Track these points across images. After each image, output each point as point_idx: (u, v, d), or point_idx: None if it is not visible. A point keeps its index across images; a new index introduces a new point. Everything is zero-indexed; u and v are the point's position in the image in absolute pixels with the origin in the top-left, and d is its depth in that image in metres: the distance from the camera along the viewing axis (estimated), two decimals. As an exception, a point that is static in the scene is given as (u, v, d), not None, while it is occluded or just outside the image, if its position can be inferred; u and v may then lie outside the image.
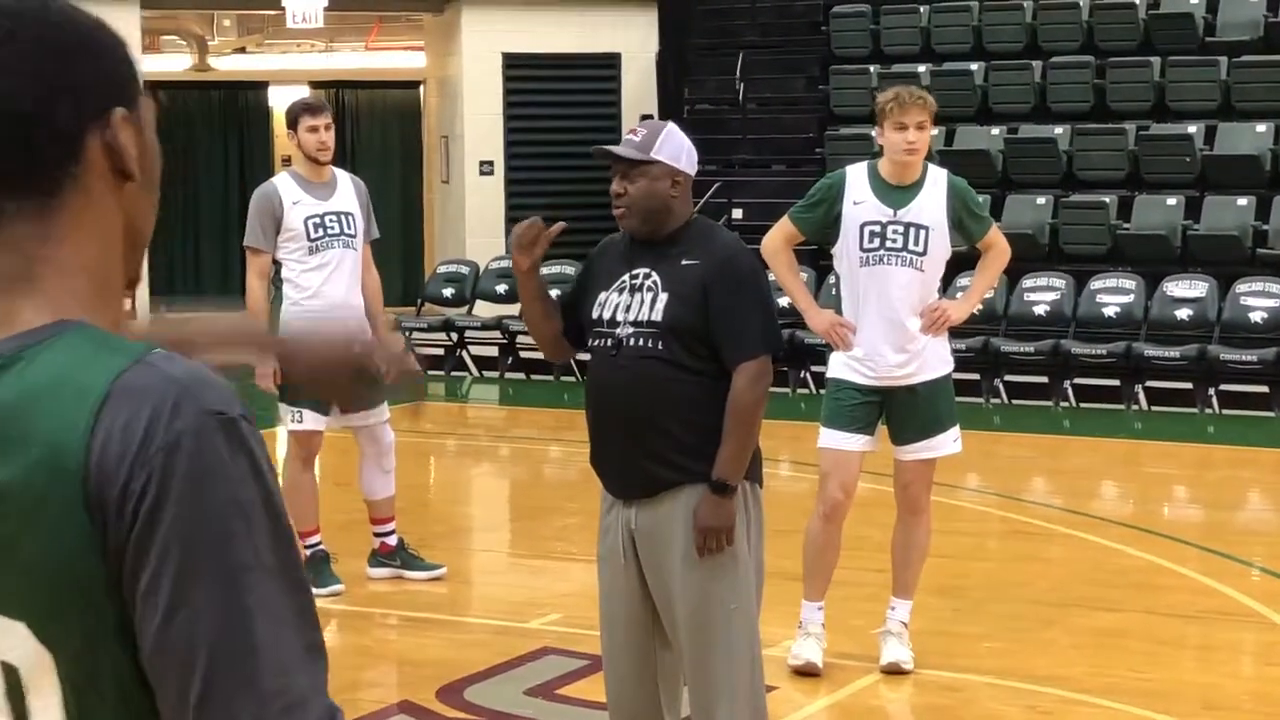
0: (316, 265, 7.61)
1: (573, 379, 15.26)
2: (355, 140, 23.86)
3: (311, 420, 7.69)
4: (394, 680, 6.62)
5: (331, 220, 7.63)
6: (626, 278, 4.60)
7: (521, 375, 15.24)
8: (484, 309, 16.10)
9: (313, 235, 7.58)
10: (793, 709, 6.12)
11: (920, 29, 17.50)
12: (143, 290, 17.88)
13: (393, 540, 8.02)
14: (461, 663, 6.75)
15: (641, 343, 4.52)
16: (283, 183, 7.70)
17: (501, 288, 16.12)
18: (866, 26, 17.82)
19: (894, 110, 6.23)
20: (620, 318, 4.56)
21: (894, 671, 6.39)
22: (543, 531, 9.27)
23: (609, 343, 4.57)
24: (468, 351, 15.77)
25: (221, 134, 23.20)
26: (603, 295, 4.61)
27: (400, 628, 7.42)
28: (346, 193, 7.77)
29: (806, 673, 6.35)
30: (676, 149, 4.68)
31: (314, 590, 7.39)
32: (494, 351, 15.61)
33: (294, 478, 7.76)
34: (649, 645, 4.61)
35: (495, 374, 15.32)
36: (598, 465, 4.67)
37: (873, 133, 6.52)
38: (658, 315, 4.52)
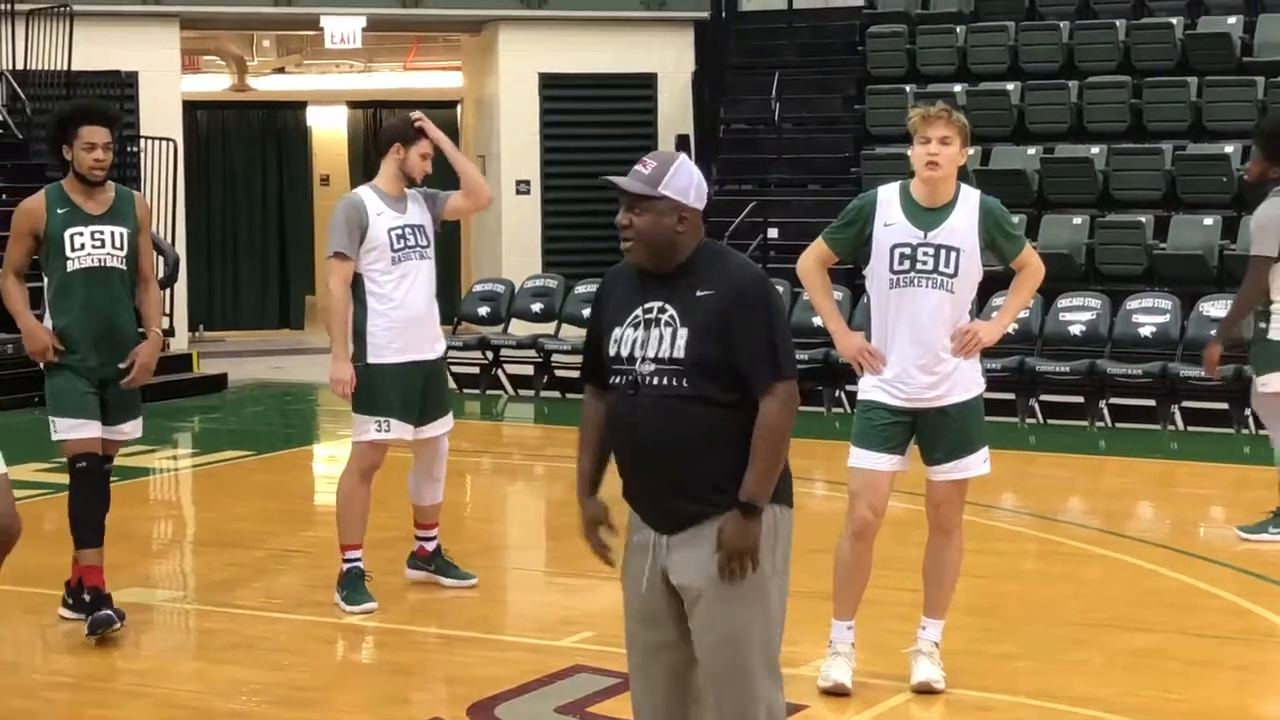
0: (398, 276, 7.77)
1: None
2: (392, 160, 23.93)
3: (399, 430, 7.77)
4: (426, 697, 6.63)
5: (410, 232, 7.85)
6: (640, 312, 4.54)
7: (557, 394, 15.27)
8: (520, 328, 16.13)
9: (395, 246, 7.78)
10: (824, 728, 6.13)
11: (956, 49, 17.51)
12: (180, 307, 17.96)
13: (431, 546, 8.15)
14: (493, 680, 6.76)
15: (665, 381, 4.49)
16: (366, 195, 7.88)
17: (537, 306, 16.16)
18: (903, 46, 17.83)
19: (919, 125, 6.24)
20: (638, 354, 4.51)
21: (925, 691, 6.38)
22: (576, 550, 9.18)
23: (627, 380, 4.53)
24: (503, 370, 15.80)
25: (260, 154, 23.31)
26: (618, 331, 4.55)
27: (433, 644, 7.43)
28: (419, 208, 7.99)
29: (835, 693, 6.34)
30: (685, 184, 4.56)
31: (347, 608, 7.52)
32: (529, 370, 15.64)
33: (351, 490, 7.82)
34: (672, 663, 4.61)
35: (530, 393, 15.35)
36: (630, 499, 4.66)
37: (908, 152, 6.52)
38: (680, 352, 4.48)
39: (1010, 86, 16.77)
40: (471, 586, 8.10)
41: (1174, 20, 16.63)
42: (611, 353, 4.55)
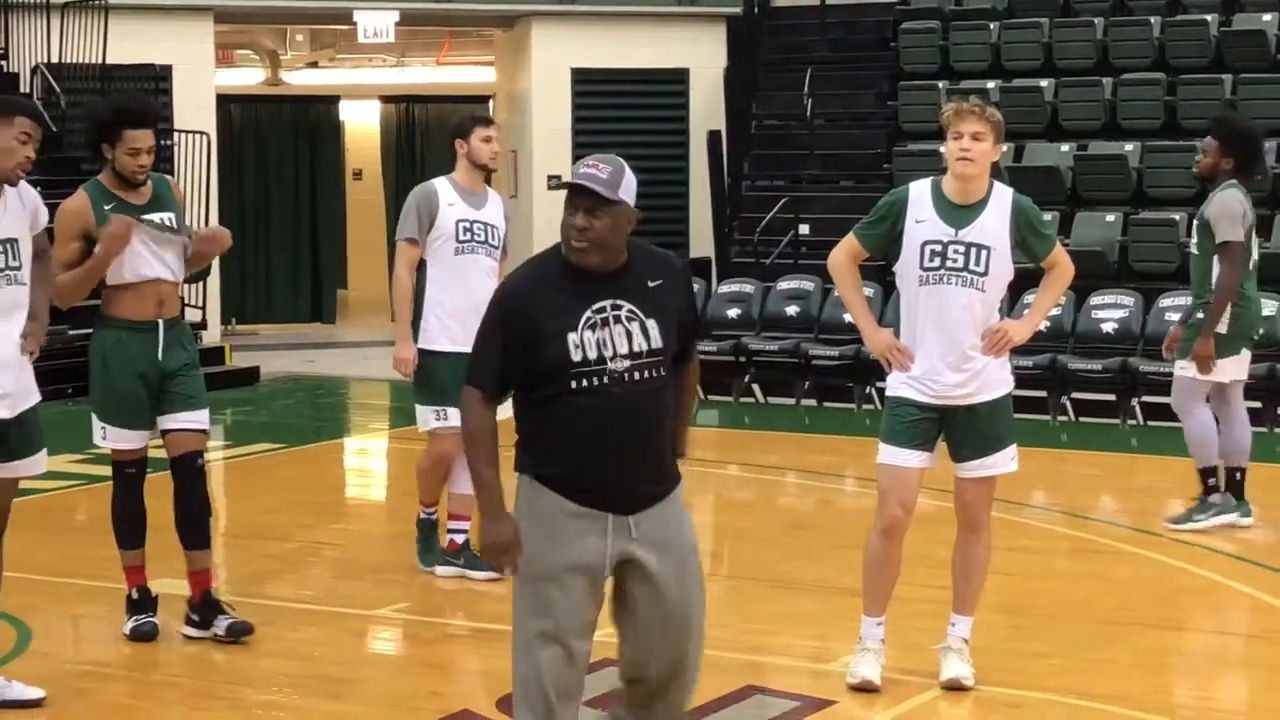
0: (459, 268, 7.96)
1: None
2: (425, 154, 24.00)
3: (457, 418, 7.76)
4: (456, 689, 6.64)
5: (479, 228, 8.03)
6: (591, 313, 4.67)
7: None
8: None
9: (460, 238, 7.97)
10: (852, 724, 6.13)
11: (990, 45, 17.46)
12: (213, 301, 18.02)
13: (460, 539, 8.21)
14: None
15: (644, 374, 4.69)
16: (441, 185, 8.10)
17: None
18: (936, 43, 17.79)
19: (952, 120, 6.22)
20: (606, 354, 4.65)
21: (954, 688, 6.37)
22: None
23: (605, 380, 4.65)
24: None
25: (293, 148, 23.37)
26: (573, 336, 4.64)
27: (462, 637, 7.45)
28: (495, 208, 8.18)
29: (864, 689, 6.34)
30: (632, 189, 4.78)
31: (427, 568, 7.54)
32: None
33: (424, 470, 8.22)
34: (588, 648, 4.85)
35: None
36: (588, 489, 4.70)
37: (943, 149, 6.50)
38: (656, 343, 4.71)
39: (1044, 83, 16.71)
40: (500, 579, 8.10)
41: (1209, 17, 16.56)
42: (575, 358, 4.64)
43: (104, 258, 6.79)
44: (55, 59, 17.85)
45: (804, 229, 16.87)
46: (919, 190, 6.34)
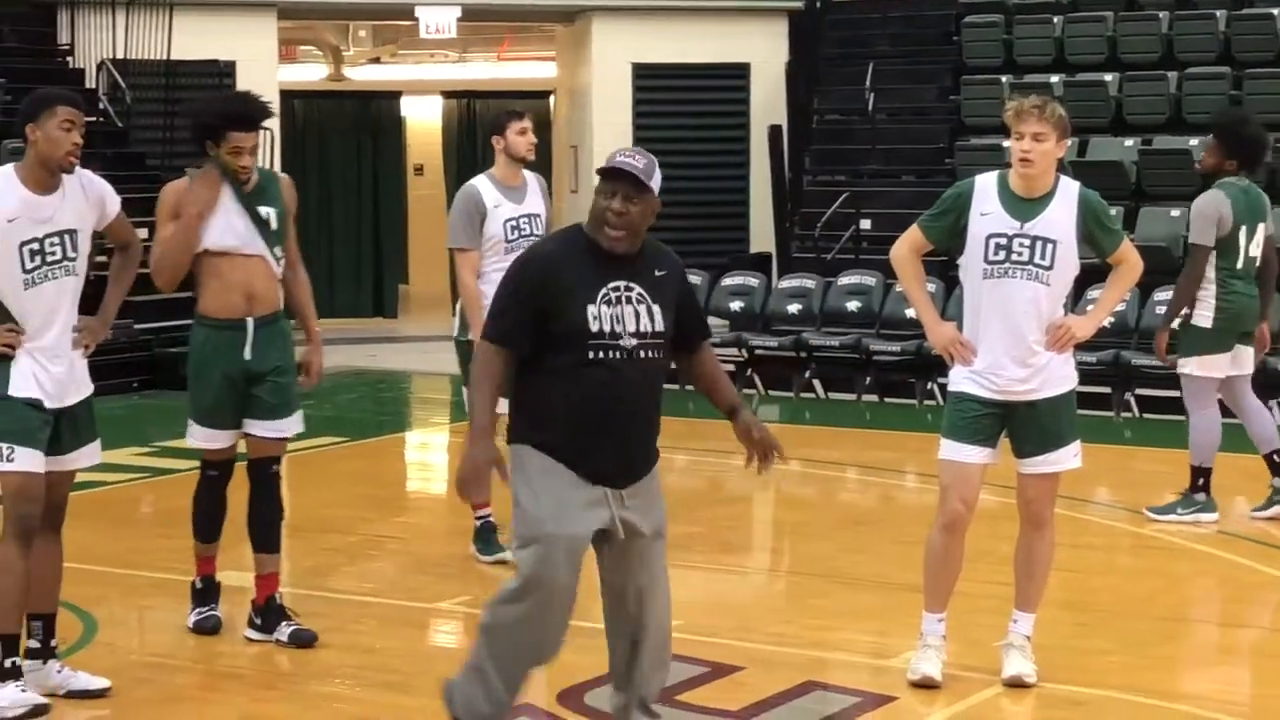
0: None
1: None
2: (485, 149, 24.01)
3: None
4: (516, 683, 6.65)
5: (524, 222, 8.15)
6: (609, 290, 5.05)
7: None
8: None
9: (509, 238, 8.09)
10: (913, 719, 6.11)
11: (1054, 39, 17.37)
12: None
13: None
14: (581, 667, 6.77)
15: (649, 354, 5.09)
16: (483, 185, 8.19)
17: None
18: (999, 36, 17.71)
19: (1013, 119, 6.19)
20: (619, 329, 5.03)
21: (1016, 685, 6.34)
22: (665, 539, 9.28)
23: (616, 355, 5.02)
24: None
25: (355, 143, 23.46)
26: (592, 309, 5.01)
27: (523, 632, 7.46)
28: (535, 194, 8.29)
29: (924, 685, 6.32)
30: (659, 181, 5.18)
31: (481, 557, 7.49)
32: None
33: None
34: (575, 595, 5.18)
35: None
36: (589, 460, 5.05)
37: (1006, 143, 6.47)
38: (660, 326, 5.10)
39: (1108, 77, 16.60)
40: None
41: (1275, 11, 16.41)
42: (593, 329, 5.00)
43: (193, 213, 6.71)
44: (120, 55, 17.99)
45: (865, 224, 16.82)
46: (985, 183, 6.31)
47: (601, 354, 5.00)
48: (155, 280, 6.93)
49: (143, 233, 18.55)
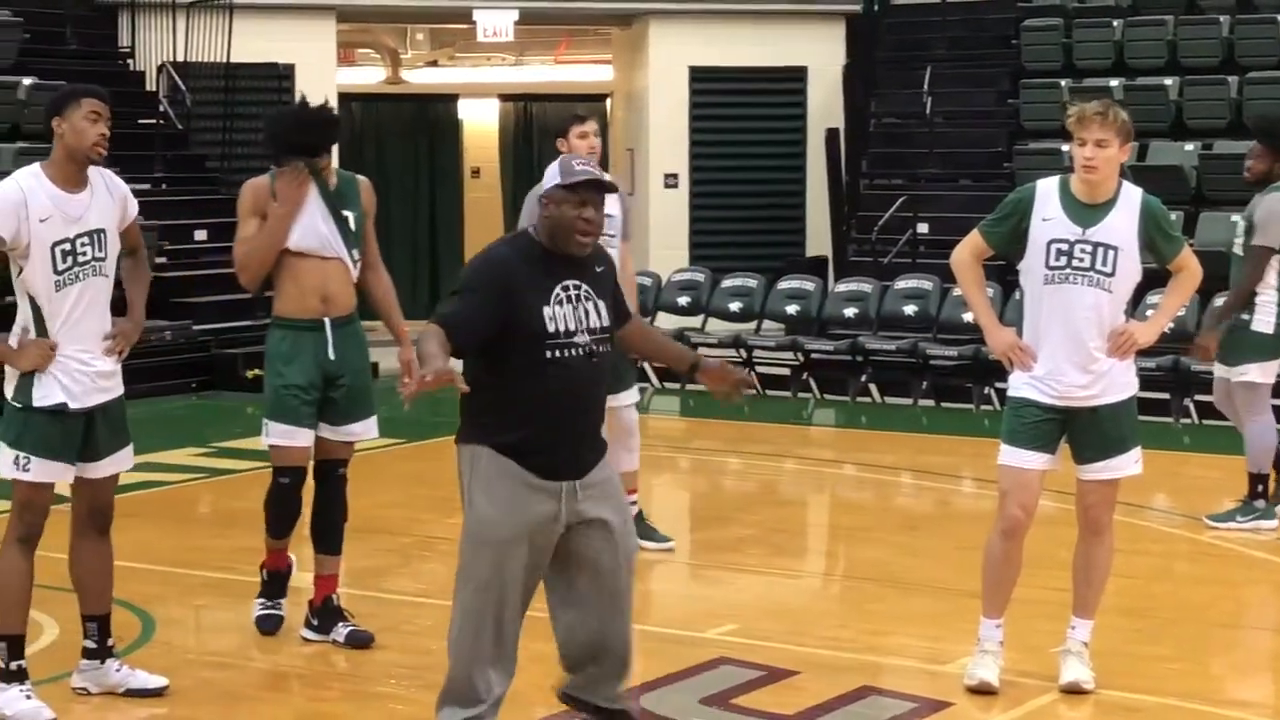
0: None
1: (751, 392, 15.26)
2: (542, 152, 24.08)
3: None
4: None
5: None
6: (560, 290, 5.21)
7: (701, 386, 15.24)
8: (666, 320, 16.16)
9: None
10: (969, 726, 6.08)
11: (1113, 42, 17.27)
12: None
13: (633, 510, 8.29)
14: (637, 670, 6.78)
15: (600, 348, 5.28)
16: None
17: (684, 300, 16.18)
18: (1058, 40, 17.63)
19: (1075, 126, 6.14)
20: (572, 328, 5.20)
21: (1074, 691, 6.31)
22: (719, 543, 9.29)
23: (572, 353, 5.19)
24: (648, 363, 15.83)
25: (412, 146, 23.55)
26: (548, 310, 5.17)
27: (578, 634, 7.46)
28: (610, 197, 8.10)
29: (981, 691, 6.29)
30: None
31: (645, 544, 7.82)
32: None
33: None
34: (532, 586, 5.34)
35: (676, 385, 15.37)
36: (550, 458, 5.20)
37: (1065, 147, 6.44)
38: (605, 321, 5.30)
39: (1168, 81, 16.49)
40: (670, 549, 8.67)
41: (1338, 14, 16.29)
42: (549, 329, 5.17)
43: (282, 213, 6.72)
44: (181, 57, 18.11)
45: (922, 228, 16.77)
46: (1046, 188, 6.28)
47: (558, 353, 5.18)
48: (240, 277, 6.93)
49: (202, 234, 18.63)
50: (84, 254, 5.92)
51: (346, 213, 6.90)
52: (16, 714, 5.88)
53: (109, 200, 6.05)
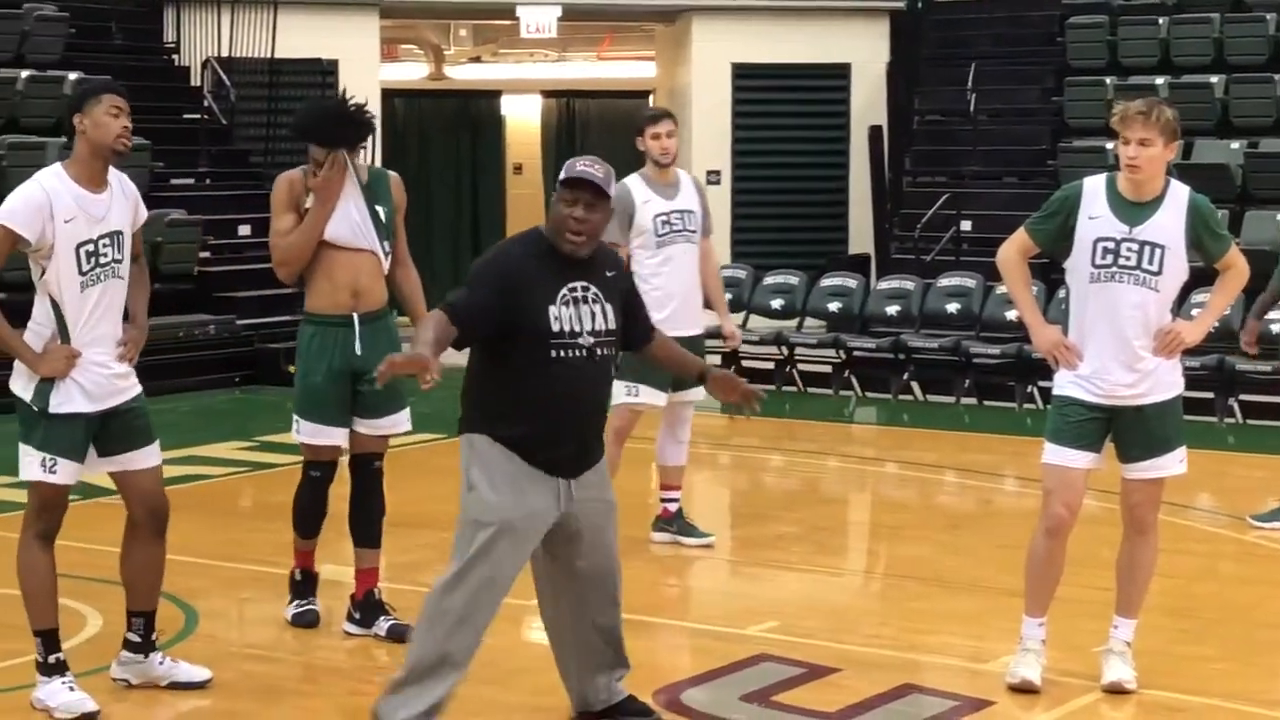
0: (662, 259, 8.37)
1: (793, 389, 15.25)
2: (585, 148, 24.08)
3: (647, 395, 8.39)
4: (611, 681, 6.66)
5: (676, 218, 8.43)
6: (566, 291, 5.32)
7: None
8: (707, 317, 16.10)
9: (659, 232, 8.37)
10: (1011, 725, 6.06)
11: (1159, 40, 17.19)
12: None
13: (673, 507, 8.73)
14: (678, 666, 6.80)
15: (604, 350, 5.39)
16: (634, 183, 8.45)
17: (726, 296, 16.11)
18: (1103, 37, 17.55)
19: (1120, 124, 6.10)
20: (577, 328, 5.32)
21: (1116, 691, 6.28)
22: (761, 540, 9.28)
23: (576, 353, 5.30)
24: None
25: (454, 142, 23.58)
26: (553, 309, 5.29)
27: (619, 630, 7.45)
28: (688, 192, 8.58)
29: (1023, 690, 6.27)
30: (614, 191, 5.45)
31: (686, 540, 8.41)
32: (715, 360, 15.64)
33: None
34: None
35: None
36: (553, 454, 5.34)
37: (1109, 145, 6.41)
38: (612, 324, 5.41)
39: (1214, 79, 16.41)
40: (709, 545, 8.72)
41: (1387, 11, 16.17)
42: (554, 328, 5.28)
43: (320, 206, 6.74)
44: (225, 53, 18.19)
45: (966, 225, 16.71)
46: (1093, 186, 6.24)
47: (562, 353, 5.28)
48: (279, 272, 6.93)
49: (245, 229, 18.68)
50: (105, 255, 5.90)
51: (379, 207, 6.92)
52: (60, 705, 5.91)
53: (125, 201, 6.01)
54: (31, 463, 5.91)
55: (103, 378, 5.93)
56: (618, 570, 5.67)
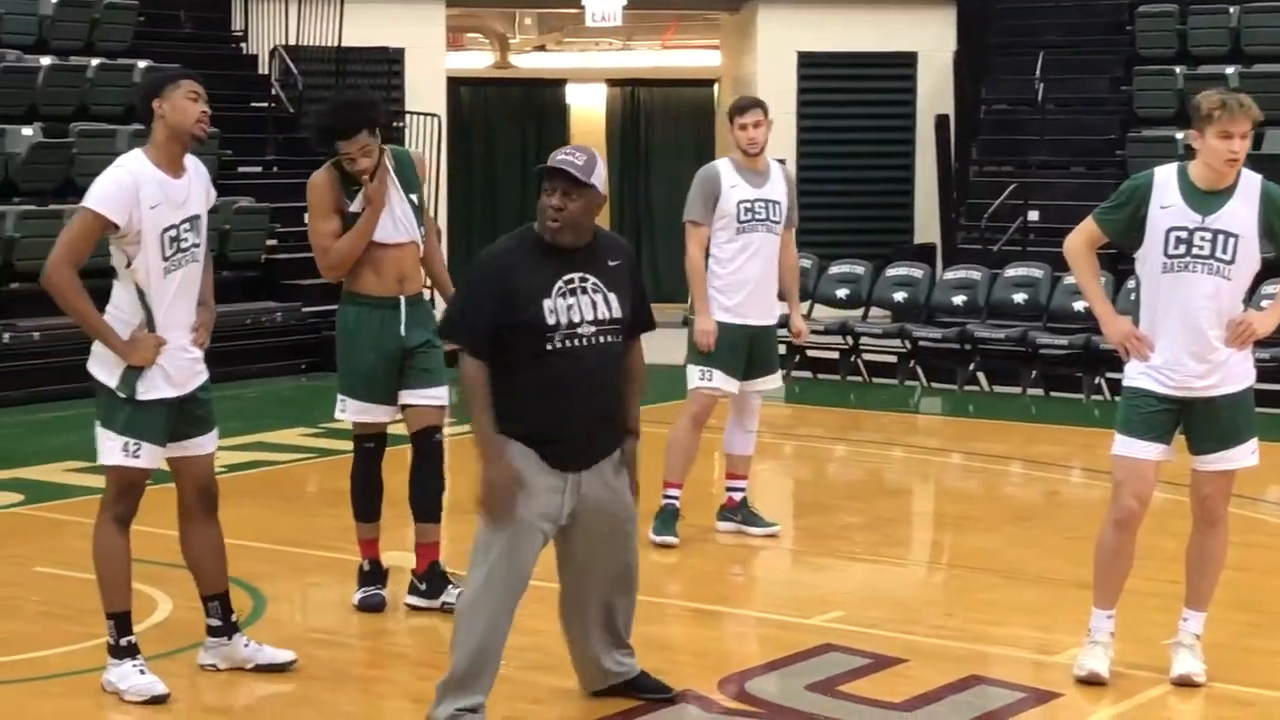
0: (740, 245, 8.38)
1: (858, 379, 15.20)
2: (649, 137, 24.10)
3: (720, 381, 8.42)
4: (676, 669, 6.64)
5: (760, 206, 8.40)
6: (562, 283, 5.37)
7: (808, 374, 15.24)
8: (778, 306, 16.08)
9: (741, 218, 8.38)
10: (1078, 716, 6.02)
11: (1230, 29, 17.02)
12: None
13: (738, 497, 8.74)
14: (743, 655, 6.79)
15: (606, 339, 5.41)
16: (724, 166, 8.50)
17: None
18: (1173, 26, 17.40)
19: (1222, 117, 6.01)
20: (576, 319, 5.36)
21: (1185, 684, 6.23)
22: (825, 530, 9.25)
23: (576, 343, 5.35)
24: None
25: (519, 130, 23.62)
26: (548, 303, 5.34)
27: (685, 618, 7.47)
28: (778, 182, 8.54)
29: (1091, 682, 6.23)
30: (603, 177, 5.46)
31: (654, 538, 8.09)
32: (781, 350, 15.59)
33: (679, 434, 8.51)
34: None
35: (782, 371, 15.31)
36: (561, 447, 5.41)
37: (1179, 135, 6.34)
38: (616, 312, 5.43)
39: (1286, 68, 16.24)
40: (775, 535, 8.71)
41: None
42: (550, 322, 5.33)
43: (374, 213, 6.88)
44: (293, 41, 18.28)
45: (1033, 215, 16.61)
46: (1164, 175, 6.19)
47: (561, 344, 5.33)
48: (329, 274, 7.06)
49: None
50: (186, 240, 5.93)
51: (412, 195, 7.07)
52: (131, 688, 5.95)
53: (200, 185, 6.05)
54: (113, 447, 5.94)
55: (183, 362, 5.97)
56: (633, 562, 5.77)
